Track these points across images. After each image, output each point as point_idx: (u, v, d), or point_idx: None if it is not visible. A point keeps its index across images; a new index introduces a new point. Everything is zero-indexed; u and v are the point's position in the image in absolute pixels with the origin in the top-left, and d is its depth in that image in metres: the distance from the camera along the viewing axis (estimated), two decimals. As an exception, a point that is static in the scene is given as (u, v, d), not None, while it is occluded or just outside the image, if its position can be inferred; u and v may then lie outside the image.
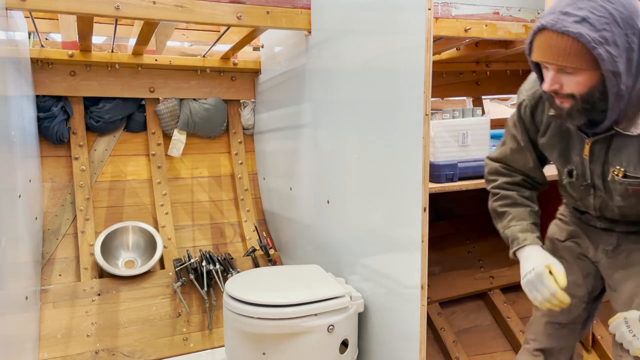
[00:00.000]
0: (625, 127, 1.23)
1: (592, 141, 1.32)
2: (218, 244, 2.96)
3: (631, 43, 1.12)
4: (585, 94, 1.18)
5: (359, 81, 1.84)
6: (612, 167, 1.30)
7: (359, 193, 1.89)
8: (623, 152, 1.27)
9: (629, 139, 1.24)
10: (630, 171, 1.27)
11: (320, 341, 1.75)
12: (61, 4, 1.85)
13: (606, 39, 1.10)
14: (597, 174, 1.35)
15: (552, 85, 1.21)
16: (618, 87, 1.14)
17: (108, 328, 2.44)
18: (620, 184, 1.30)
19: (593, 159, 1.34)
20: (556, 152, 1.43)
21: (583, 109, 1.21)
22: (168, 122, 2.98)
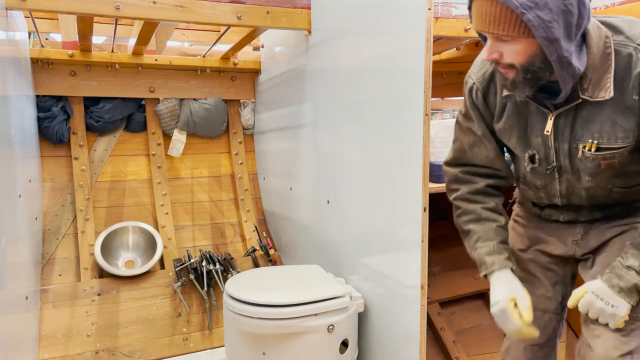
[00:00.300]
0: (592, 94, 1.11)
1: (554, 115, 1.19)
2: (218, 244, 2.96)
3: (568, 5, 1.00)
4: (525, 63, 1.08)
5: (359, 81, 1.84)
6: (582, 142, 1.18)
7: (359, 193, 1.89)
8: (594, 122, 1.15)
9: (599, 105, 1.12)
10: (603, 143, 1.15)
11: (320, 341, 1.75)
12: (61, 4, 1.85)
13: (536, 3, 0.99)
14: (564, 152, 1.22)
15: (490, 54, 1.11)
16: (558, 54, 1.03)
17: (108, 328, 2.44)
18: (593, 159, 1.18)
19: (557, 136, 1.21)
20: (515, 135, 1.29)
21: (525, 79, 1.11)
22: (168, 122, 2.98)
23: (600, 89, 1.10)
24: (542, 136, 1.23)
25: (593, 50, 1.08)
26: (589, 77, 1.10)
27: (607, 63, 1.08)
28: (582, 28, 1.04)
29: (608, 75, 1.09)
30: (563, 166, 1.25)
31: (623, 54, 1.08)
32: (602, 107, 1.12)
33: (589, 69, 1.09)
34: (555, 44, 1.02)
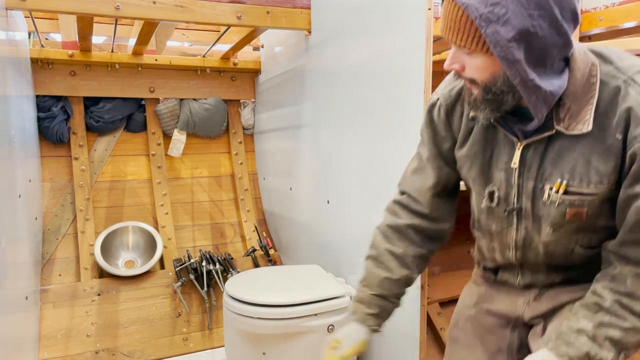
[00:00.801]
0: (568, 126, 0.95)
1: (523, 145, 1.01)
2: (218, 244, 2.96)
3: (535, 27, 0.85)
4: (487, 81, 0.94)
5: (359, 81, 1.84)
6: (549, 182, 1.00)
7: (359, 193, 1.89)
8: (566, 160, 0.97)
9: (574, 140, 0.95)
10: (573, 185, 0.97)
11: (320, 341, 1.75)
12: (61, 4, 1.85)
13: (498, 17, 0.85)
14: (527, 192, 1.04)
15: (451, 63, 0.97)
16: (521, 77, 0.89)
17: (108, 328, 2.44)
18: (558, 205, 0.99)
19: (523, 170, 1.03)
20: (477, 166, 1.11)
21: (486, 99, 0.96)
22: (168, 122, 2.98)
23: (578, 122, 0.94)
24: (507, 170, 1.05)
25: (576, 76, 0.94)
26: (567, 106, 0.94)
27: (589, 94, 0.93)
28: (556, 53, 0.91)
29: (589, 107, 0.93)
30: (524, 209, 1.06)
31: (610, 86, 0.93)
32: (578, 143, 0.95)
33: (568, 97, 0.94)
34: (517, 66, 0.88)
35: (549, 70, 0.91)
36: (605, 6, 1.94)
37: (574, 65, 0.94)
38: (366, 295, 1.24)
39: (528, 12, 0.85)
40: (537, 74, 0.90)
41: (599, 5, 1.97)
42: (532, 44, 0.87)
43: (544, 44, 0.88)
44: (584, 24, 2.03)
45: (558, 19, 0.86)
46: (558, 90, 0.93)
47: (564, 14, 0.87)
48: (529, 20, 0.85)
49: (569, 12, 0.87)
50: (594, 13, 2.00)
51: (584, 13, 2.03)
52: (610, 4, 1.92)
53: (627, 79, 0.92)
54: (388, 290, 1.23)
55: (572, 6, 0.87)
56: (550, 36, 0.87)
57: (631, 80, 0.92)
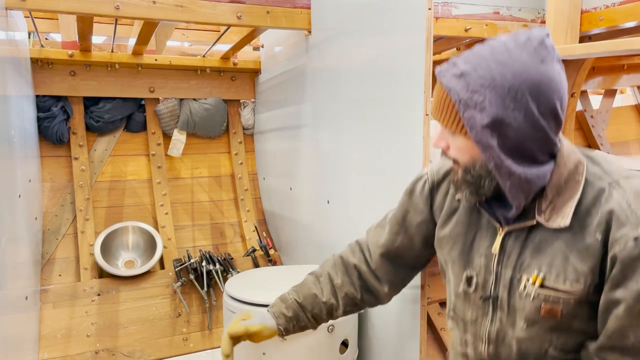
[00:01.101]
0: (549, 219, 0.95)
1: (505, 232, 1.02)
2: (218, 244, 2.96)
3: (509, 118, 0.88)
4: (466, 163, 0.98)
5: (359, 81, 1.84)
6: (527, 273, 0.99)
7: (359, 193, 1.89)
8: (544, 252, 0.97)
9: (554, 234, 0.96)
10: (550, 280, 0.95)
11: (320, 341, 1.75)
12: (61, 4, 1.85)
13: (476, 104, 0.89)
14: (505, 281, 1.02)
15: (437, 141, 1.01)
16: (495, 162, 0.92)
17: (108, 328, 2.43)
18: (534, 298, 0.97)
19: (502, 258, 1.02)
20: (458, 248, 1.11)
21: (466, 180, 0.99)
22: (168, 122, 2.98)
23: (559, 215, 0.94)
24: (487, 256, 1.05)
25: (561, 171, 0.95)
26: (549, 198, 0.95)
27: (573, 190, 0.95)
28: (534, 146, 0.92)
29: (571, 203, 0.94)
30: (500, 299, 1.04)
31: (595, 186, 0.94)
32: (558, 237, 0.95)
33: (552, 190, 0.95)
34: (490, 151, 0.91)
35: (528, 160, 0.93)
36: (605, 6, 1.94)
37: (560, 160, 0.95)
38: (291, 298, 1.30)
39: (504, 103, 0.88)
40: (513, 160, 0.92)
41: (599, 5, 1.97)
42: (506, 133, 0.89)
43: (518, 136, 0.90)
44: (584, 24, 2.03)
45: (534, 114, 0.89)
46: (535, 179, 0.94)
47: (541, 110, 0.89)
48: (504, 110, 0.88)
49: (548, 110, 0.89)
50: (594, 13, 2.00)
51: (584, 13, 2.03)
52: (611, 4, 1.92)
53: (612, 181, 0.94)
54: (310, 305, 1.29)
55: (551, 105, 0.90)
56: (526, 129, 0.89)
57: (616, 184, 0.93)
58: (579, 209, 0.94)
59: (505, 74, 0.88)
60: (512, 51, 0.89)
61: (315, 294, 1.30)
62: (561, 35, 2.01)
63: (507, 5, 2.12)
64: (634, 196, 0.90)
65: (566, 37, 2.01)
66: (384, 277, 1.32)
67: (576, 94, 3.02)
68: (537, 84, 0.88)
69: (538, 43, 0.90)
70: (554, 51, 0.91)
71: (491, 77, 0.89)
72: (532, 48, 0.89)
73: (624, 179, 0.93)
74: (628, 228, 0.88)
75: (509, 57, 0.89)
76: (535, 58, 0.89)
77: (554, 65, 0.90)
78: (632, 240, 0.87)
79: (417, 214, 1.24)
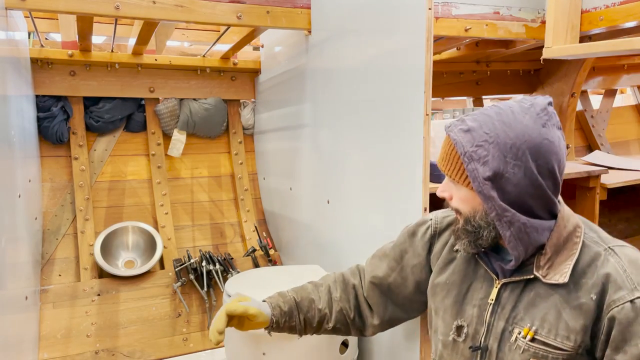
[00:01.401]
0: (546, 274, 1.00)
1: (501, 284, 1.06)
2: (218, 244, 2.96)
3: (509, 172, 0.95)
4: (467, 213, 1.03)
5: (359, 81, 1.84)
6: (519, 326, 1.01)
7: (359, 193, 1.89)
8: (539, 307, 1.00)
9: (550, 289, 0.99)
10: (542, 334, 0.98)
11: (320, 341, 1.75)
12: (61, 4, 1.85)
13: (479, 157, 0.96)
14: (496, 332, 1.04)
15: (442, 191, 1.08)
16: (497, 212, 0.97)
17: (108, 328, 2.43)
18: (523, 351, 1.00)
19: (496, 309, 1.05)
20: (452, 296, 1.14)
21: (466, 230, 1.04)
22: (168, 122, 2.98)
23: (557, 272, 0.99)
24: (480, 306, 1.08)
25: (561, 230, 1.00)
26: (548, 255, 1.00)
27: (572, 250, 1.00)
28: (532, 203, 0.98)
29: (569, 262, 0.99)
30: (489, 350, 1.06)
31: (591, 249, 1.00)
32: (553, 293, 0.99)
33: (551, 247, 1.00)
34: (492, 201, 0.97)
35: (527, 214, 0.99)
36: (605, 6, 1.94)
37: (561, 221, 1.01)
38: (289, 295, 1.34)
39: (506, 159, 0.95)
40: (513, 212, 0.98)
41: (599, 5, 1.97)
42: (505, 187, 0.96)
43: (518, 190, 0.96)
44: (584, 24, 2.03)
45: (533, 171, 0.96)
46: (534, 232, 0.99)
47: (540, 169, 0.96)
48: (505, 165, 0.95)
49: (546, 169, 0.96)
50: (594, 13, 2.00)
51: (584, 13, 2.03)
52: (611, 3, 1.92)
53: (607, 248, 1.00)
54: (306, 308, 1.32)
55: (549, 166, 0.97)
56: (524, 185, 0.96)
57: (611, 250, 0.99)
58: (575, 269, 0.99)
59: (509, 132, 0.96)
60: (516, 114, 0.97)
61: (313, 299, 1.34)
62: (561, 35, 2.01)
63: (507, 5, 2.12)
64: (628, 263, 0.96)
65: (566, 37, 2.01)
66: (374, 307, 1.36)
67: (576, 94, 3.03)
68: (537, 145, 0.95)
69: (541, 109, 0.98)
70: (555, 118, 0.99)
71: (495, 135, 0.96)
72: (535, 113, 0.97)
73: (618, 247, 1.00)
74: (625, 291, 0.93)
75: (513, 119, 0.97)
76: (537, 122, 0.96)
77: (555, 131, 0.98)
78: (629, 302, 0.92)
79: (414, 256, 1.29)
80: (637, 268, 0.96)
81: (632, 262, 0.97)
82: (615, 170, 2.71)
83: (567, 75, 2.99)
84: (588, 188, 2.43)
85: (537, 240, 1.00)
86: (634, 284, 0.93)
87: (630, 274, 0.95)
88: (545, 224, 1.00)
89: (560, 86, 3.04)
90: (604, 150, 3.56)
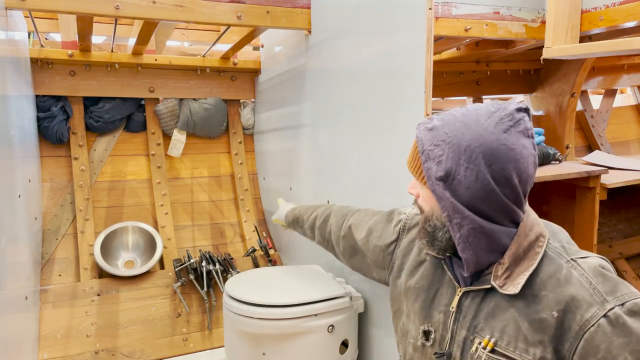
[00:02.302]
0: (503, 285, 0.97)
1: (462, 292, 1.04)
2: (218, 244, 2.96)
3: (460, 174, 0.93)
4: (427, 212, 1.03)
5: (359, 81, 1.84)
6: (479, 336, 1.00)
7: (359, 193, 1.89)
8: (498, 318, 0.98)
9: (509, 301, 0.97)
10: (501, 346, 0.96)
11: (320, 341, 1.75)
12: (61, 4, 1.85)
13: (435, 156, 0.96)
14: (459, 340, 1.03)
15: (411, 188, 1.08)
16: (448, 212, 0.96)
17: (108, 328, 2.43)
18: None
19: (459, 317, 1.04)
20: (421, 301, 1.13)
21: (425, 229, 1.04)
22: (168, 122, 2.98)
23: (511, 283, 0.96)
24: (445, 312, 1.07)
25: (521, 240, 0.97)
26: (506, 265, 0.97)
27: (531, 261, 0.96)
28: (486, 208, 0.95)
29: (526, 273, 0.96)
30: (453, 357, 1.05)
31: (554, 261, 0.96)
32: (513, 305, 0.97)
33: (510, 257, 0.97)
34: (444, 201, 0.96)
35: (485, 218, 0.96)
36: (605, 6, 1.94)
37: (522, 230, 0.98)
38: (299, 213, 1.85)
39: (459, 161, 0.93)
40: (464, 214, 0.95)
41: (599, 5, 1.97)
42: (457, 189, 0.94)
43: (469, 194, 0.94)
44: (584, 24, 2.03)
45: (486, 176, 0.93)
46: (484, 236, 0.96)
47: (494, 175, 0.93)
48: (458, 167, 0.94)
49: (502, 176, 0.93)
50: (594, 13, 2.00)
51: (584, 13, 2.03)
52: (611, 3, 1.92)
53: (569, 260, 0.96)
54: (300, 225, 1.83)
55: (505, 172, 0.93)
56: (477, 189, 0.94)
57: (574, 262, 0.95)
58: (534, 280, 0.96)
59: (466, 134, 0.94)
60: (479, 116, 0.95)
61: (315, 216, 1.72)
62: (561, 35, 2.01)
63: (507, 5, 2.12)
64: (592, 274, 0.93)
65: (566, 37, 2.01)
66: (346, 251, 1.55)
67: (576, 94, 3.03)
68: (492, 150, 0.92)
69: (506, 114, 0.95)
70: (523, 125, 0.95)
71: (454, 135, 0.95)
72: (499, 117, 0.94)
73: (581, 259, 0.96)
74: (596, 307, 0.89)
75: (474, 121, 0.95)
76: (498, 127, 0.93)
77: (519, 138, 0.94)
78: (603, 318, 0.88)
79: (380, 239, 1.35)
80: (602, 276, 0.92)
81: (596, 271, 0.93)
82: (615, 170, 2.71)
83: (567, 75, 2.99)
84: (588, 188, 2.43)
85: (490, 246, 0.97)
86: (602, 296, 0.89)
87: (596, 284, 0.91)
88: (505, 230, 0.97)
89: (560, 86, 3.04)
90: (604, 150, 3.56)
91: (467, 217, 0.95)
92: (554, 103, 3.06)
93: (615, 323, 0.87)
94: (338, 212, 1.64)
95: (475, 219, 0.95)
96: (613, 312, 0.88)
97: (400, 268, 1.25)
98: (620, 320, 0.87)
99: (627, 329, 0.87)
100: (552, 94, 3.07)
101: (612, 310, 0.88)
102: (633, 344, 0.86)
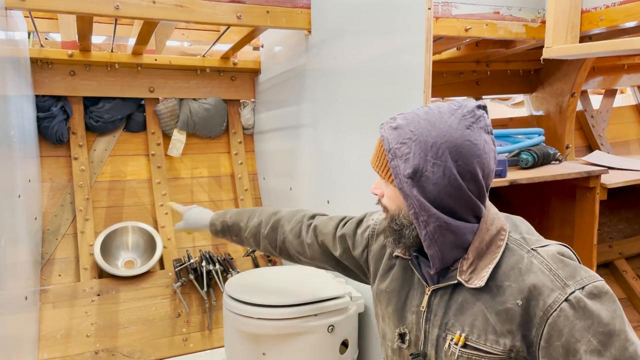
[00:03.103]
0: (469, 279, 0.99)
1: (431, 290, 1.06)
2: (218, 244, 2.96)
3: (428, 171, 0.95)
4: (393, 211, 1.04)
5: (359, 81, 1.84)
6: (451, 333, 1.01)
7: (359, 193, 1.89)
8: (467, 313, 1.00)
9: (475, 294, 0.99)
10: (472, 340, 0.98)
11: (320, 341, 1.75)
12: (61, 4, 1.85)
13: (402, 154, 0.97)
14: (432, 339, 1.05)
15: (374, 188, 1.09)
16: (415, 209, 0.97)
17: (108, 328, 2.43)
18: (457, 357, 1.00)
19: (430, 316, 1.05)
20: (393, 304, 1.15)
21: (391, 228, 1.05)
22: (168, 122, 2.98)
23: (477, 277, 0.99)
24: (417, 313, 1.08)
25: (483, 235, 1.00)
26: (471, 260, 0.99)
27: (494, 254, 0.99)
28: (453, 204, 0.97)
29: (490, 266, 0.98)
30: (428, 357, 1.07)
31: (515, 252, 0.99)
32: (479, 298, 0.99)
33: (473, 252, 0.99)
34: (411, 199, 0.97)
35: (447, 214, 0.98)
36: (605, 6, 1.94)
37: (483, 225, 1.00)
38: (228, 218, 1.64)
39: (427, 158, 0.95)
40: (431, 211, 0.97)
41: (599, 5, 1.97)
42: (425, 185, 0.96)
43: (437, 189, 0.96)
44: (584, 24, 2.03)
45: (453, 171, 0.95)
46: (449, 233, 0.98)
47: (460, 170, 0.95)
48: (425, 164, 0.95)
49: (467, 171, 0.95)
50: (594, 13, 2.00)
51: (584, 13, 2.03)
52: (611, 3, 1.92)
53: (530, 250, 0.98)
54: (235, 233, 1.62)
55: (470, 167, 0.95)
56: (444, 185, 0.95)
57: (534, 252, 0.98)
58: (498, 272, 0.98)
59: (431, 131, 0.95)
60: (442, 114, 0.97)
61: (241, 227, 1.60)
62: (561, 35, 2.01)
63: (507, 5, 2.12)
64: (552, 260, 0.95)
65: (566, 37, 2.01)
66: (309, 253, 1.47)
67: (576, 94, 3.02)
68: (457, 146, 0.95)
69: (468, 111, 0.97)
70: (483, 122, 0.98)
71: (419, 133, 0.96)
72: (461, 114, 0.97)
73: (541, 248, 0.99)
74: (557, 292, 0.91)
75: (438, 118, 0.97)
76: (461, 123, 0.96)
77: (481, 134, 0.97)
78: (565, 302, 0.90)
79: (355, 247, 1.33)
80: (561, 262, 0.95)
81: (555, 258, 0.96)
82: (615, 170, 2.71)
83: (567, 75, 2.98)
84: (588, 188, 2.42)
85: (455, 242, 0.99)
86: (563, 281, 0.92)
87: (556, 270, 0.93)
88: (469, 226, 1.00)
89: (560, 86, 3.04)
90: (604, 150, 3.56)
91: (433, 215, 0.97)
92: (554, 103, 3.06)
93: (576, 306, 0.89)
94: (287, 218, 1.53)
95: (441, 217, 0.97)
96: (574, 296, 0.90)
97: (375, 274, 1.26)
98: (581, 303, 0.89)
99: (588, 312, 0.89)
100: (552, 94, 3.07)
101: (573, 294, 0.90)
102: (595, 326, 0.88)
